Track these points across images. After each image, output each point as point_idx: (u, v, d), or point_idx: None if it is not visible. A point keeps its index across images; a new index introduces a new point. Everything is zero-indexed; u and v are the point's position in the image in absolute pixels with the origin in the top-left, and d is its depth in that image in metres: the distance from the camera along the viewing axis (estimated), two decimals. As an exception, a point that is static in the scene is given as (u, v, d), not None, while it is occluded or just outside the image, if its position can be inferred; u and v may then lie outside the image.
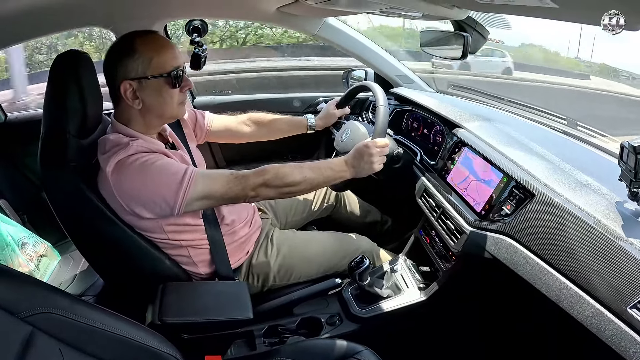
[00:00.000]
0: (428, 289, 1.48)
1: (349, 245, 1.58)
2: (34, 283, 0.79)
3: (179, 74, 1.18)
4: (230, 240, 1.36)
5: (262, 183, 1.19)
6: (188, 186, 1.12)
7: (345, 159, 1.33)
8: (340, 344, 1.13)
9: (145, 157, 1.13)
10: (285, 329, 1.42)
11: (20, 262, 1.57)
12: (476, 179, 1.30)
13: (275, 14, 1.72)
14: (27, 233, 1.71)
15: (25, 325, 0.69)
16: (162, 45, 1.17)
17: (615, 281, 0.83)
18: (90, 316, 0.78)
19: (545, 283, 0.98)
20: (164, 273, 1.25)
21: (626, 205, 0.93)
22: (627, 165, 0.85)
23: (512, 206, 1.13)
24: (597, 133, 1.49)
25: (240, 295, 1.20)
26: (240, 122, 1.70)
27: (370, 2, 1.19)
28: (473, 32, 1.35)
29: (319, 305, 1.50)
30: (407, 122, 1.93)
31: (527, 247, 1.05)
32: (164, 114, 1.22)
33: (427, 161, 1.60)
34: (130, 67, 1.14)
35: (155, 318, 1.07)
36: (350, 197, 1.91)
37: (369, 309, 1.46)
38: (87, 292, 1.57)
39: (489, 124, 1.44)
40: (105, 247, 1.21)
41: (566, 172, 1.09)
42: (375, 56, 2.04)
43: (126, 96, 1.15)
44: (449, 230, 1.33)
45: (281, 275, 1.44)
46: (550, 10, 0.72)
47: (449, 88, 2.18)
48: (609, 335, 0.83)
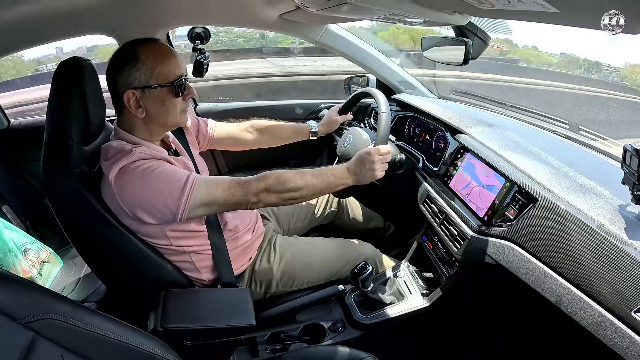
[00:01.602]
0: (431, 295, 1.47)
1: (351, 251, 1.57)
2: (36, 289, 0.79)
3: (182, 82, 1.19)
4: (233, 246, 1.35)
5: (264, 188, 1.19)
6: (190, 193, 1.12)
7: (347, 166, 1.33)
8: (344, 350, 1.12)
9: (147, 163, 1.13)
10: (288, 335, 1.42)
11: (22, 268, 1.57)
12: (479, 185, 1.30)
13: (277, 21, 1.73)
14: (29, 239, 1.71)
15: (27, 332, 0.69)
16: (165, 54, 1.18)
17: (619, 285, 0.82)
18: (93, 322, 0.77)
19: (549, 288, 0.97)
20: (167, 279, 1.25)
21: (629, 208, 0.93)
22: (630, 169, 0.85)
23: (515, 211, 1.13)
24: (599, 137, 1.49)
25: (243, 302, 1.20)
26: (242, 130, 1.70)
27: (372, 10, 1.20)
28: (474, 38, 1.36)
29: (322, 312, 1.50)
30: (409, 128, 1.93)
31: (530, 252, 1.04)
32: (167, 122, 1.23)
33: (430, 167, 1.60)
34: (133, 76, 1.14)
35: (158, 324, 1.07)
36: (353, 204, 1.91)
37: (372, 316, 1.45)
38: (89, 299, 1.57)
39: (491, 129, 1.44)
40: (107, 253, 1.21)
41: (569, 177, 1.08)
42: (377, 63, 2.05)
43: (129, 105, 1.16)
44: (452, 236, 1.32)
45: (284, 282, 1.44)
46: (551, 15, 0.72)
47: (450, 94, 2.18)
48: (614, 340, 0.82)
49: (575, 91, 2.57)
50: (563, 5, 0.65)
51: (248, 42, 5.49)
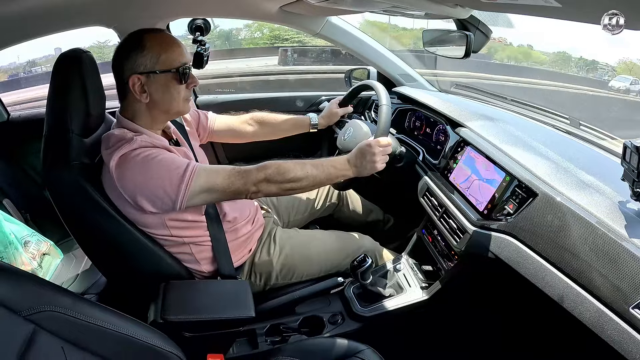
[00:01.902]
0: (430, 288, 1.48)
1: (351, 244, 1.58)
2: (37, 281, 0.79)
3: (186, 70, 1.20)
4: (233, 237, 1.36)
5: (264, 178, 1.19)
6: (190, 179, 1.12)
7: (347, 158, 1.32)
8: (342, 342, 1.13)
9: (148, 151, 1.13)
10: (287, 327, 1.43)
11: (23, 260, 1.57)
12: (479, 178, 1.30)
13: (278, 13, 1.72)
14: (29, 231, 1.71)
15: (27, 324, 0.69)
16: (171, 43, 1.19)
17: (617, 281, 0.82)
18: (93, 314, 0.78)
19: (548, 282, 0.98)
20: (167, 271, 1.25)
21: (629, 205, 0.93)
22: (629, 165, 0.85)
23: (514, 205, 1.13)
24: (600, 133, 1.49)
25: (243, 294, 1.20)
26: (243, 122, 1.70)
27: (373, 1, 1.19)
28: (476, 31, 1.35)
29: (321, 304, 1.50)
30: (409, 121, 1.93)
31: (529, 247, 1.05)
32: (170, 109, 1.23)
33: (430, 160, 1.60)
34: (139, 62, 1.16)
35: (158, 316, 1.07)
36: (353, 196, 1.91)
37: (371, 308, 1.46)
38: (90, 291, 1.57)
39: (491, 123, 1.44)
40: (107, 245, 1.21)
41: (569, 172, 1.08)
42: (378, 55, 2.04)
43: (134, 90, 1.17)
44: (452, 229, 1.33)
45: (283, 274, 1.45)
46: (553, 10, 0.72)
47: (451, 87, 2.18)
48: (611, 335, 0.82)
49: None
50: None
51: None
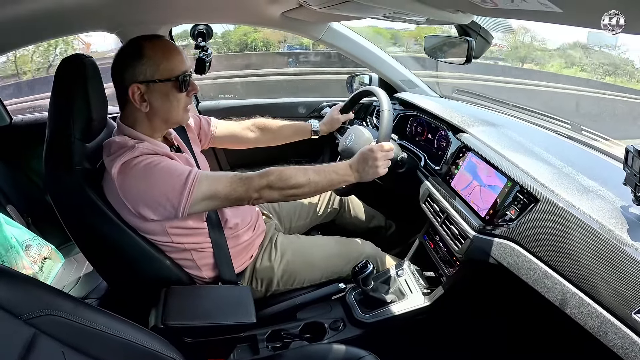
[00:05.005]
0: (432, 294, 1.47)
1: (352, 250, 1.57)
2: (38, 285, 0.79)
3: (186, 78, 1.20)
4: (234, 243, 1.36)
5: (266, 185, 1.19)
6: (192, 187, 1.12)
7: (349, 163, 1.32)
8: (344, 349, 1.12)
9: (150, 158, 1.13)
10: (289, 333, 1.42)
11: (24, 264, 1.57)
12: (480, 184, 1.30)
13: (279, 18, 1.73)
14: (31, 235, 1.72)
15: (28, 328, 0.69)
16: (170, 50, 1.19)
17: (620, 286, 0.82)
18: (94, 319, 0.78)
19: (550, 288, 0.97)
20: (168, 277, 1.25)
21: (631, 209, 0.93)
22: (631, 170, 0.84)
23: (516, 211, 1.13)
24: (601, 137, 1.48)
25: (244, 300, 1.20)
26: (244, 128, 1.70)
27: (374, 7, 1.19)
28: (477, 37, 1.35)
29: (323, 310, 1.50)
30: (411, 126, 1.93)
31: (531, 252, 1.04)
32: (169, 118, 1.23)
33: (431, 166, 1.59)
34: (138, 70, 1.15)
35: (159, 321, 1.07)
36: (355, 202, 1.91)
37: (372, 314, 1.45)
38: (91, 295, 1.57)
39: (493, 128, 1.44)
40: (108, 250, 1.21)
41: (570, 177, 1.08)
42: (379, 61, 2.04)
43: (134, 99, 1.17)
44: (453, 235, 1.32)
45: (285, 280, 1.44)
46: (554, 15, 0.72)
47: (453, 92, 2.18)
48: (614, 341, 0.82)
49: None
50: (566, 5, 0.65)
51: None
